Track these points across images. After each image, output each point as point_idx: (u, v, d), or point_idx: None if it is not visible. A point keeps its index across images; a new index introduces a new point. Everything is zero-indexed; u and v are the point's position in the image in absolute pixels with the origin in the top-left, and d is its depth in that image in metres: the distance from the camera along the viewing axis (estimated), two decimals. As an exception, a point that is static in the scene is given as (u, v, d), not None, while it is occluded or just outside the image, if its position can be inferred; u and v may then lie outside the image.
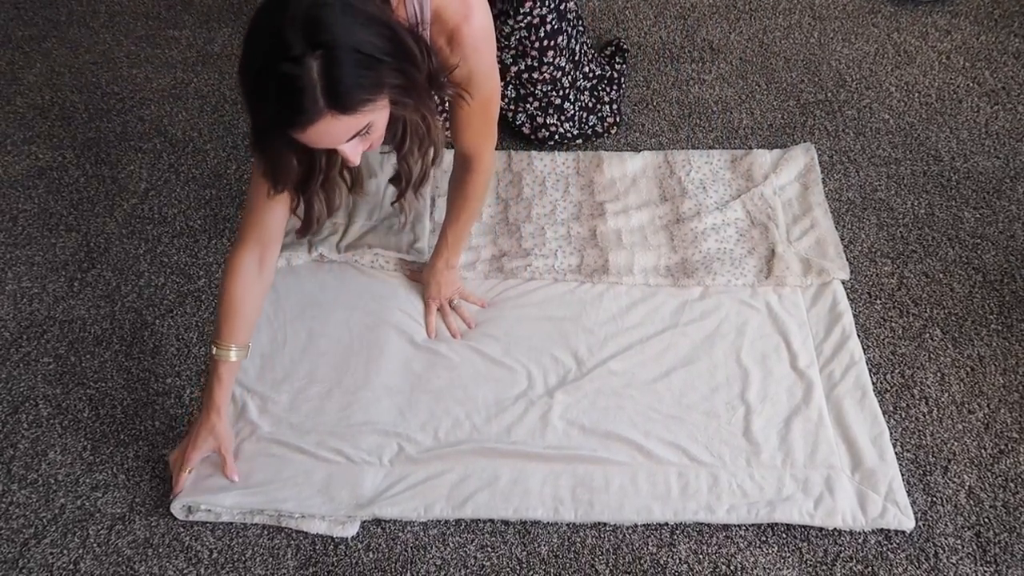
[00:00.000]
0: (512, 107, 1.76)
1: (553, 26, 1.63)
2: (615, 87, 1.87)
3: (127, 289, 1.63)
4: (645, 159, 1.78)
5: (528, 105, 1.75)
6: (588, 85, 1.80)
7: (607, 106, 1.81)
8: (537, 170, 1.75)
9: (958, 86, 1.95)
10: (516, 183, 1.74)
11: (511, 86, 1.73)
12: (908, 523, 1.27)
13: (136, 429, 1.44)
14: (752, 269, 1.58)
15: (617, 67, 1.91)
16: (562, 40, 1.67)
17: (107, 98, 1.98)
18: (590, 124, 1.80)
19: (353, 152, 1.07)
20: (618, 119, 1.83)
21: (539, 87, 1.72)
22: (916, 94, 1.94)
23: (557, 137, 1.77)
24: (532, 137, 1.77)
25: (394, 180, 1.33)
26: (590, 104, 1.81)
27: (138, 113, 1.95)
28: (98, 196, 1.79)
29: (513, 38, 1.63)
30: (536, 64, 1.68)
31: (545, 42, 1.65)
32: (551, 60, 1.68)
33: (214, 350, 1.32)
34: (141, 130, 1.91)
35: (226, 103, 1.96)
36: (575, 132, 1.78)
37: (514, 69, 1.69)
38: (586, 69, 1.82)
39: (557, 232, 1.65)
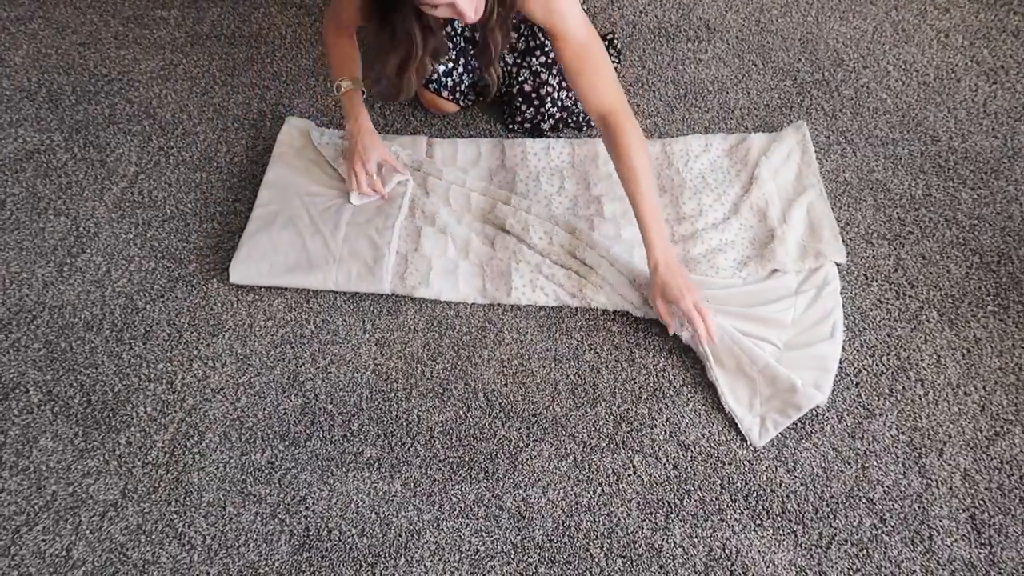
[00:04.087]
0: (519, 61, 1.75)
1: None
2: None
3: (117, 274, 1.61)
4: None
5: (534, 60, 1.74)
6: None
7: None
8: (531, 165, 1.73)
9: (956, 65, 1.93)
10: (510, 179, 1.71)
11: (523, 38, 1.74)
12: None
13: (127, 415, 1.42)
14: (753, 259, 1.57)
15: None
16: None
17: (95, 80, 1.95)
18: (577, 109, 1.78)
19: (468, 6, 1.24)
20: None
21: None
22: (914, 73, 1.92)
23: (549, 102, 1.74)
24: (532, 95, 1.74)
25: (479, 54, 1.52)
26: None
27: (126, 95, 1.92)
28: (87, 180, 1.76)
29: None
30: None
31: None
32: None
33: (340, 88, 1.60)
34: (130, 112, 1.88)
35: (216, 84, 1.93)
36: (568, 103, 1.76)
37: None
38: None
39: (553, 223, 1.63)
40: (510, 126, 1.80)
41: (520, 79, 1.74)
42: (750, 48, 1.99)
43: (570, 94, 1.77)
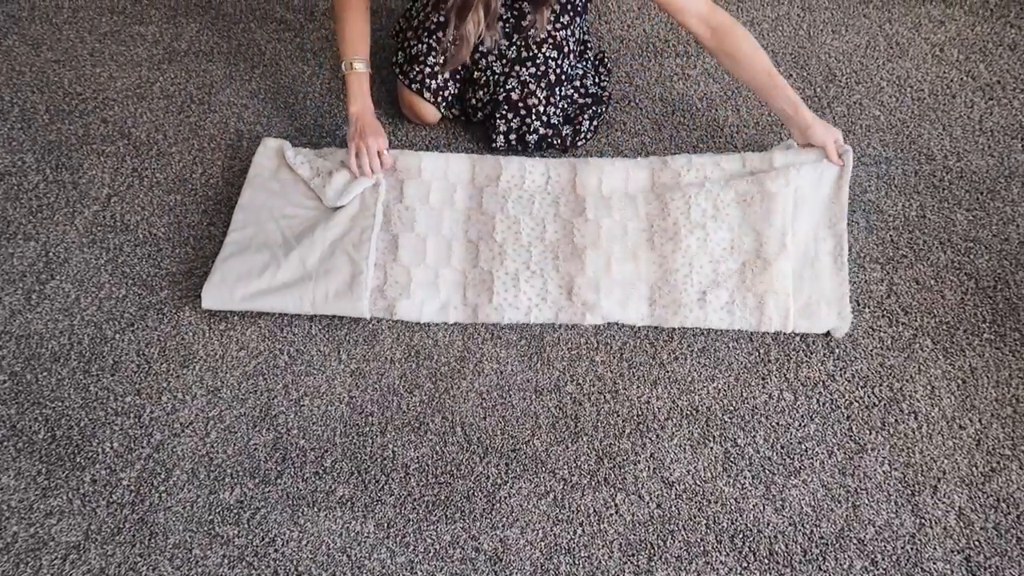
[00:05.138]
0: (507, 70, 1.70)
1: None
2: (602, 106, 1.80)
3: (87, 302, 1.56)
4: (636, 188, 1.66)
5: (524, 70, 1.69)
6: (581, 102, 1.76)
7: (587, 121, 1.75)
8: (511, 215, 1.62)
9: (951, 80, 1.88)
10: (488, 223, 1.62)
11: (515, 47, 1.71)
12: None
13: (93, 451, 1.38)
14: (749, 296, 1.52)
15: (602, 83, 1.84)
16: (584, 15, 1.78)
17: (69, 98, 1.90)
18: (564, 131, 1.73)
19: None
20: (590, 137, 1.77)
21: (544, 48, 1.70)
22: (908, 89, 1.86)
23: (535, 115, 1.69)
24: (519, 104, 1.68)
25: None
26: (571, 114, 1.75)
27: (101, 114, 1.87)
28: (58, 203, 1.72)
29: None
30: (552, 18, 1.71)
31: (568, 4, 1.74)
32: (566, 23, 1.73)
33: (350, 67, 1.62)
34: (104, 132, 1.84)
35: (192, 103, 1.89)
36: (556, 121, 1.71)
37: (529, 18, 1.71)
38: (587, 81, 1.80)
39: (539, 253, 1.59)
40: (493, 137, 1.73)
41: (507, 87, 1.69)
42: (740, 63, 1.93)
43: (557, 111, 1.72)
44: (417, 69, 1.73)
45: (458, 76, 1.75)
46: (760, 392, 1.42)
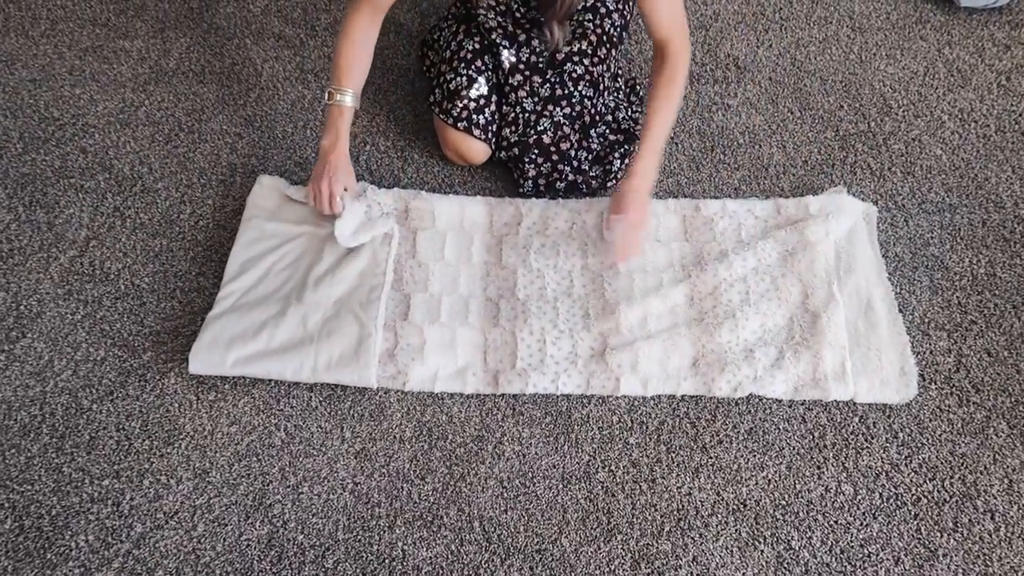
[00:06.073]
0: (539, 109, 1.54)
1: (617, 26, 1.53)
2: (635, 142, 1.62)
3: (61, 365, 1.40)
4: (669, 236, 1.52)
5: (558, 110, 1.53)
6: (612, 139, 1.59)
7: (618, 160, 1.57)
8: (534, 268, 1.48)
9: (1020, 113, 1.70)
10: (509, 279, 1.48)
11: (548, 84, 1.54)
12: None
13: (65, 545, 1.22)
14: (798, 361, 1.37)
15: (634, 115, 1.66)
16: (620, 46, 1.59)
17: (45, 124, 1.73)
18: (592, 174, 1.56)
19: None
20: (620, 177, 1.59)
21: (580, 86, 1.53)
22: (972, 124, 1.69)
23: (566, 161, 1.53)
24: (551, 148, 1.53)
25: (543, 3, 1.43)
26: (601, 153, 1.58)
27: (80, 143, 1.69)
28: (31, 247, 1.55)
29: (576, 18, 1.55)
30: (589, 52, 1.53)
31: (604, 37, 1.54)
32: (603, 57, 1.55)
33: (333, 96, 1.45)
34: (83, 164, 1.66)
35: (181, 131, 1.71)
36: (585, 167, 1.54)
37: (566, 51, 1.54)
38: (619, 114, 1.64)
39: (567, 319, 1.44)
40: (520, 182, 1.56)
41: (539, 128, 1.52)
42: (785, 91, 1.75)
43: (588, 155, 1.55)
44: (460, 105, 1.54)
45: (496, 113, 1.57)
46: (816, 484, 1.27)
